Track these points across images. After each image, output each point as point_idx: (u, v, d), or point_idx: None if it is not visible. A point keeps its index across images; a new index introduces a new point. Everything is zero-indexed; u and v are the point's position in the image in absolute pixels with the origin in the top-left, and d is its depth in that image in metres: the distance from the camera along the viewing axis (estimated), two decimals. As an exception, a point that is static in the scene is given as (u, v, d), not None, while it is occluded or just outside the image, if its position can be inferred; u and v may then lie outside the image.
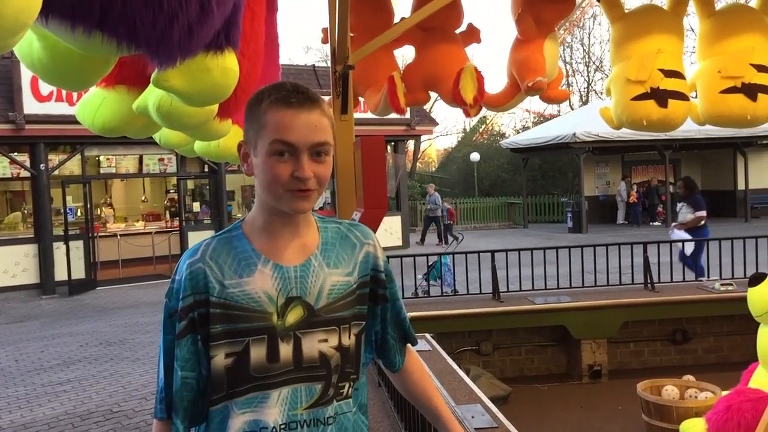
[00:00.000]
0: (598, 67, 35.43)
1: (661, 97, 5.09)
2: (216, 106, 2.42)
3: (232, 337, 1.39)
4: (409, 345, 1.70)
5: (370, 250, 1.57)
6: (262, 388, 1.39)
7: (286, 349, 1.40)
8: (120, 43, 1.34)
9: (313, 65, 19.87)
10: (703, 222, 9.26)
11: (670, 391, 5.04)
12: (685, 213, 9.37)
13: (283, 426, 1.39)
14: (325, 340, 1.43)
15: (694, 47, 5.81)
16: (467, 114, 5.76)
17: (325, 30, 5.54)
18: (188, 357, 1.40)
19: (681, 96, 5.16)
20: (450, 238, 11.37)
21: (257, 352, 1.38)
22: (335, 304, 1.46)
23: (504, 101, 6.03)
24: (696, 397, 4.94)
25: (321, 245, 1.49)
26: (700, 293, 6.84)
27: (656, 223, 22.28)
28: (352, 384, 1.49)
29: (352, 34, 5.20)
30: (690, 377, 5.30)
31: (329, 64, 5.39)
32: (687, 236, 9.04)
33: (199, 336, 1.40)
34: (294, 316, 1.41)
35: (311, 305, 1.43)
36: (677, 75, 5.19)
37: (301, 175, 1.35)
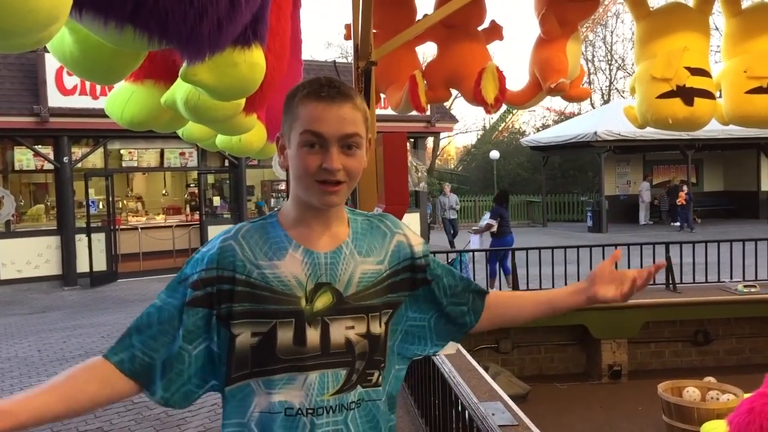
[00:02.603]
0: (620, 65, 35.17)
1: (687, 95, 5.04)
2: (243, 101, 2.43)
3: (258, 317, 1.40)
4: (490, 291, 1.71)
5: (402, 239, 1.58)
6: (291, 370, 1.40)
7: (313, 334, 1.41)
8: (151, 38, 1.35)
9: (334, 61, 19.87)
10: (494, 229, 10.27)
11: (691, 392, 5.00)
12: (484, 221, 10.38)
13: (310, 410, 1.40)
14: (352, 327, 1.45)
15: (718, 46, 5.75)
16: (488, 111, 5.75)
17: (348, 26, 5.54)
18: (192, 329, 1.40)
19: (707, 94, 5.11)
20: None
21: (284, 335, 1.40)
22: (365, 292, 1.47)
23: (525, 99, 6.01)
24: (717, 399, 4.90)
25: (352, 234, 1.51)
26: (722, 294, 6.77)
27: (677, 224, 22.07)
28: (381, 372, 1.50)
29: (374, 31, 5.20)
30: (711, 379, 5.25)
31: (351, 61, 5.40)
32: (476, 242, 10.62)
33: (215, 312, 1.40)
34: (323, 301, 1.43)
35: (340, 292, 1.44)
36: (703, 73, 5.14)
37: (329, 167, 1.37)
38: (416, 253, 1.59)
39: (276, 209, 1.55)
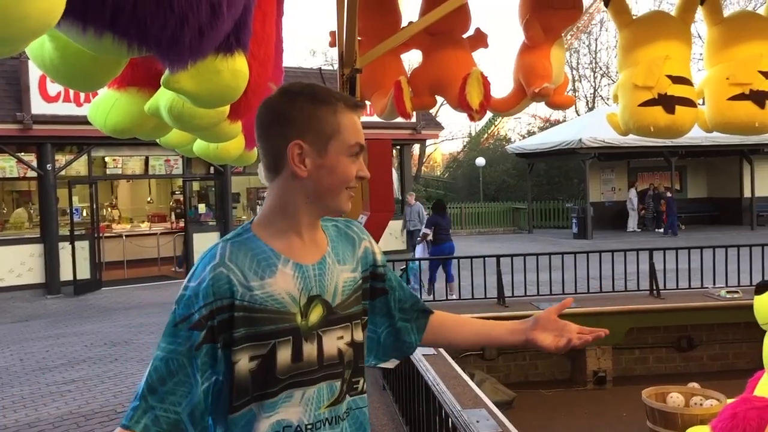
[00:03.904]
0: (604, 72, 35.45)
1: (668, 103, 5.08)
2: (227, 108, 2.42)
3: (256, 340, 1.37)
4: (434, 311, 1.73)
5: (367, 245, 1.60)
6: (289, 387, 1.39)
7: (309, 349, 1.41)
8: (131, 45, 1.34)
9: (320, 68, 19.89)
10: (430, 237, 10.84)
11: (675, 398, 5.03)
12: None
13: (309, 426, 1.39)
14: (341, 337, 1.45)
15: (701, 54, 5.80)
16: (472, 118, 5.76)
17: (333, 33, 5.54)
18: (201, 368, 1.35)
19: (689, 102, 5.15)
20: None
21: (283, 354, 1.38)
22: (348, 301, 1.49)
23: (510, 106, 6.03)
24: (701, 404, 4.92)
25: (330, 243, 1.52)
26: (705, 300, 6.82)
27: (661, 230, 22.22)
28: (365, 379, 1.51)
29: (359, 38, 5.21)
30: (695, 384, 5.28)
31: (336, 68, 5.39)
32: (420, 251, 11.20)
33: (219, 344, 1.36)
34: (316, 315, 1.43)
35: (329, 303, 1.45)
36: (685, 81, 5.18)
37: (364, 175, 1.45)
38: (378, 261, 1.61)
39: (248, 222, 1.50)
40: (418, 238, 11.61)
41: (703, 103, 5.45)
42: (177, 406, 1.34)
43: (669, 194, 22.18)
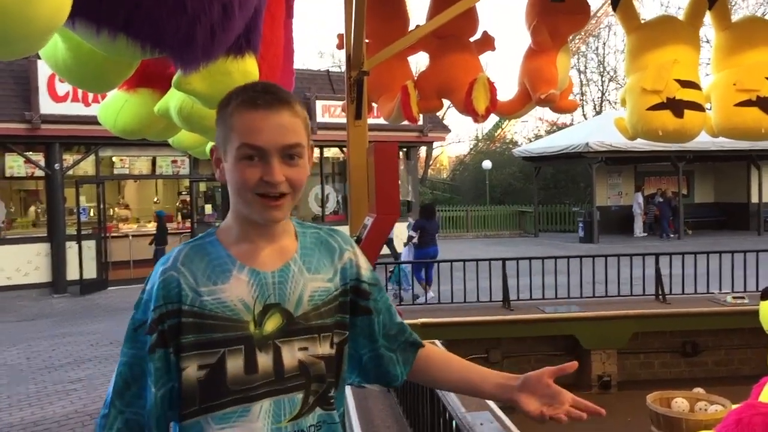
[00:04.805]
0: (612, 77, 35.35)
1: (677, 107, 5.08)
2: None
3: (204, 348, 1.31)
4: (425, 343, 1.61)
5: (351, 257, 1.50)
6: (242, 401, 1.31)
7: (264, 360, 1.33)
8: (144, 46, 1.36)
9: (327, 70, 19.94)
10: (415, 240, 11.11)
11: (680, 403, 5.01)
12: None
13: None
14: (305, 348, 1.37)
15: (709, 59, 5.80)
16: (476, 121, 5.77)
17: (341, 36, 5.57)
18: (159, 375, 1.32)
19: (697, 107, 5.15)
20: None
21: (234, 364, 1.31)
22: (316, 311, 1.39)
23: (515, 109, 6.05)
24: (706, 410, 4.91)
25: (300, 249, 1.43)
26: (711, 306, 6.80)
27: (667, 235, 22.17)
28: (335, 394, 1.43)
29: (367, 41, 5.23)
30: (700, 390, 5.26)
31: (344, 70, 5.41)
32: (406, 254, 11.52)
33: (171, 349, 1.31)
34: (272, 324, 1.34)
35: (290, 312, 1.36)
36: (693, 86, 5.18)
37: (271, 180, 1.30)
38: (363, 276, 1.50)
39: (215, 225, 1.46)
40: (405, 241, 11.80)
41: (710, 108, 5.45)
42: (142, 409, 1.33)
43: (661, 199, 22.40)
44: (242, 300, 1.33)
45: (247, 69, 1.80)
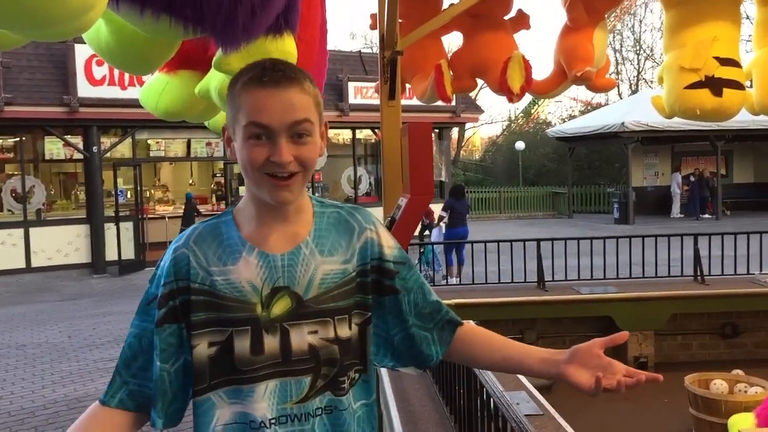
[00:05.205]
0: (648, 55, 34.75)
1: (715, 85, 4.98)
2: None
3: (214, 326, 1.32)
4: (465, 322, 1.56)
5: (372, 236, 1.45)
6: (247, 381, 1.32)
7: (271, 341, 1.32)
8: (186, 26, 1.37)
9: (359, 52, 19.90)
10: (445, 220, 11.18)
11: (718, 385, 4.96)
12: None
13: (273, 420, 1.33)
14: (315, 332, 1.35)
15: (750, 35, 5.65)
16: (510, 101, 5.71)
17: (373, 16, 5.55)
18: (164, 347, 1.33)
19: (736, 85, 5.03)
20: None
21: (241, 344, 1.32)
22: (328, 294, 1.37)
23: (550, 88, 5.97)
24: (745, 391, 4.85)
25: (314, 231, 1.40)
26: (751, 287, 6.69)
27: (706, 216, 21.80)
28: (355, 378, 1.41)
29: (400, 21, 5.20)
30: (739, 372, 5.20)
31: (376, 51, 5.40)
32: (436, 233, 11.45)
33: (184, 325, 1.33)
34: (280, 307, 1.34)
35: (300, 295, 1.34)
36: (733, 63, 5.07)
37: (278, 160, 1.27)
38: (386, 255, 1.45)
39: (233, 205, 1.47)
40: (434, 222, 11.76)
41: (752, 86, 5.33)
42: (149, 381, 1.35)
43: (692, 178, 22.12)
44: (250, 282, 1.33)
45: (285, 48, 1.81)
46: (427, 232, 11.69)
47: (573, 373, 1.36)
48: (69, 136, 14.10)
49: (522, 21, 6.00)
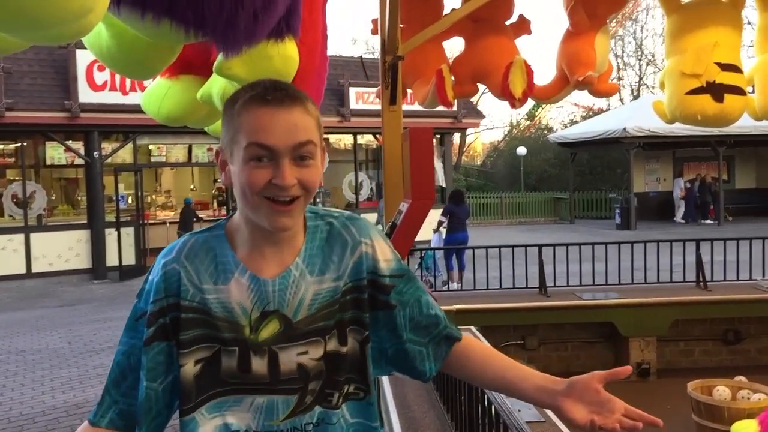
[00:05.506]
0: (650, 60, 34.79)
1: (716, 91, 4.98)
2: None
3: (203, 342, 1.29)
4: (465, 336, 1.51)
5: (367, 250, 1.38)
6: (235, 392, 1.30)
7: (259, 363, 1.29)
8: (188, 30, 1.37)
9: (361, 57, 19.90)
10: (445, 225, 11.18)
11: (721, 391, 4.94)
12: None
13: None
14: (305, 353, 1.31)
15: (751, 41, 5.66)
16: (513, 106, 5.71)
17: (375, 21, 5.55)
18: (152, 366, 1.29)
19: (738, 90, 5.03)
20: None
21: (228, 362, 1.29)
22: (319, 314, 1.33)
23: (552, 93, 5.97)
24: (748, 398, 4.83)
25: (304, 252, 1.35)
26: (754, 293, 6.67)
27: (707, 221, 21.78)
28: (348, 393, 1.37)
29: (401, 25, 5.20)
30: (742, 378, 5.18)
31: (377, 56, 5.40)
32: (436, 239, 11.46)
33: (174, 342, 1.30)
34: (269, 331, 1.30)
35: (289, 318, 1.31)
36: (734, 69, 5.06)
37: (281, 183, 1.21)
38: (381, 270, 1.39)
39: (226, 218, 1.39)
40: (434, 227, 11.77)
41: (753, 91, 5.32)
42: (137, 400, 1.32)
43: (689, 185, 22.33)
44: (240, 304, 1.29)
45: (287, 53, 1.80)
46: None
47: (570, 408, 1.31)
48: (70, 142, 14.11)
49: (523, 26, 6.00)
